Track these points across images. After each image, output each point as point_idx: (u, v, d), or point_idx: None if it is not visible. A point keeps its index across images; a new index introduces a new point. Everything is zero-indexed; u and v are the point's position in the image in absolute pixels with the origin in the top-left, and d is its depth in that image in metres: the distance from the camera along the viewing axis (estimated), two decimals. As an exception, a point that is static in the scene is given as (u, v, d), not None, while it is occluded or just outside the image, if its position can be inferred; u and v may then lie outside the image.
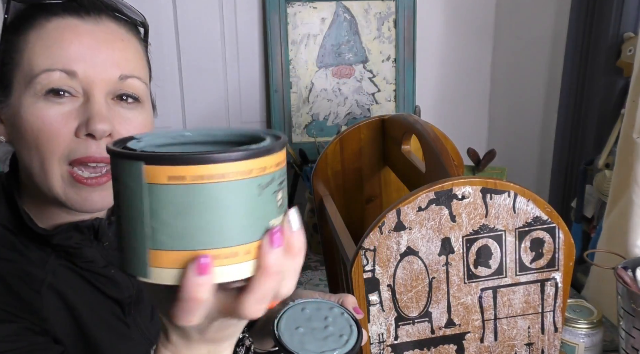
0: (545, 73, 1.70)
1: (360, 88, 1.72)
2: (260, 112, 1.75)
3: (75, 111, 0.60)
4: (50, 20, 0.61)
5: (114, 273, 0.69)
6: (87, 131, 0.60)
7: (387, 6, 1.68)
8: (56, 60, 0.59)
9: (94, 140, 0.60)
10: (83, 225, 0.66)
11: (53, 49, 0.60)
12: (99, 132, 0.60)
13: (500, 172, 1.39)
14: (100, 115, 0.60)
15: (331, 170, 1.05)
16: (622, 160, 1.04)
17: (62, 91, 0.60)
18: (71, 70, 0.60)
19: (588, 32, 1.39)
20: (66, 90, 0.60)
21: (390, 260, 0.71)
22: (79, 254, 0.66)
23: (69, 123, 0.60)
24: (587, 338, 0.91)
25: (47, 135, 0.60)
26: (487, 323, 0.76)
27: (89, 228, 0.67)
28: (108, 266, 0.69)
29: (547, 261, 0.74)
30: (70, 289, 0.66)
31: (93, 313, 0.67)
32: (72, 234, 0.65)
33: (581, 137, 1.46)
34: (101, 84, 0.61)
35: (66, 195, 0.62)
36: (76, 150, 0.60)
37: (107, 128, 0.60)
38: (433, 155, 0.79)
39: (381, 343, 0.74)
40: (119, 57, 0.62)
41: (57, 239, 0.64)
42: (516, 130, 1.85)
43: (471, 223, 0.71)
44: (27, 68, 0.60)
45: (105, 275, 0.69)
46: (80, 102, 0.61)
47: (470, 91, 1.89)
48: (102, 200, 0.63)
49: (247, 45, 1.69)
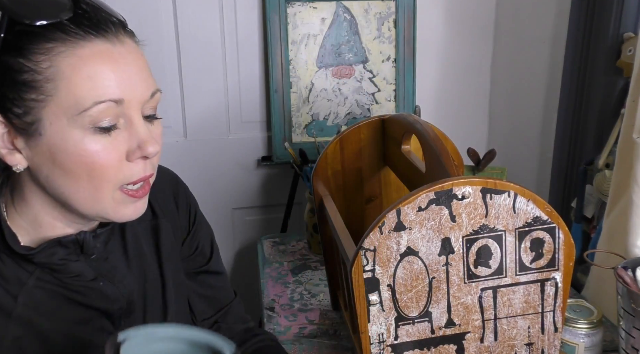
0: (545, 73, 1.71)
1: (360, 88, 1.72)
2: (260, 112, 1.75)
3: (121, 136, 0.61)
4: (83, 46, 0.58)
5: (103, 286, 0.68)
6: (141, 154, 0.62)
7: (387, 6, 1.68)
8: (103, 91, 0.58)
9: (144, 162, 0.63)
10: (66, 240, 0.65)
11: (96, 79, 0.58)
12: (152, 154, 0.62)
13: (500, 172, 1.39)
14: (150, 138, 0.62)
15: (331, 170, 1.05)
16: (622, 160, 1.04)
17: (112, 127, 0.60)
18: (119, 99, 0.59)
19: (588, 32, 1.39)
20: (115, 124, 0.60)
21: (390, 260, 0.71)
22: (64, 270, 0.65)
23: (120, 150, 0.61)
24: (587, 338, 0.91)
25: (101, 168, 0.60)
26: (487, 323, 0.76)
27: (73, 243, 0.66)
28: (97, 279, 0.68)
29: (547, 261, 0.74)
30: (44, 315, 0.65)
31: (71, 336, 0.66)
32: (56, 250, 0.65)
33: (581, 137, 1.46)
34: (138, 106, 0.62)
35: (117, 212, 0.64)
36: (131, 175, 0.62)
37: (158, 148, 0.63)
38: (433, 155, 0.79)
39: (381, 343, 0.74)
40: (146, 75, 0.63)
41: (40, 257, 0.64)
42: (516, 130, 1.85)
43: (471, 223, 0.71)
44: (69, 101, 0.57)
45: (93, 288, 0.68)
46: (122, 125, 0.61)
47: (470, 91, 1.90)
48: (144, 206, 0.66)
49: (247, 45, 1.69)
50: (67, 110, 0.58)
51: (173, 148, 1.70)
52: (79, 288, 0.67)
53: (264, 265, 1.39)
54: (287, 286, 1.27)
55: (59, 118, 0.58)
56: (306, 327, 1.10)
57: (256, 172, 1.81)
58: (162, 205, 0.81)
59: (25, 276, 0.64)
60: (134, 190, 0.64)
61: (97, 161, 0.60)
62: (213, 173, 1.77)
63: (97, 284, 0.68)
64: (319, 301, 1.20)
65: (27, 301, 0.64)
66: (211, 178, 1.76)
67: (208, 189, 1.75)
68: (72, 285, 0.66)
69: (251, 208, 1.84)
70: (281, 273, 1.34)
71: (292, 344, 1.05)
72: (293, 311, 1.16)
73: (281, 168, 1.79)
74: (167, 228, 0.80)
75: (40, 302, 0.65)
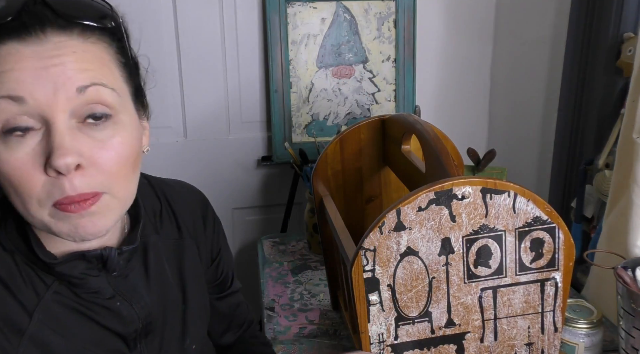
0: (545, 73, 1.71)
1: (360, 88, 1.72)
2: (260, 112, 1.75)
3: (39, 146, 0.54)
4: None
5: (120, 306, 0.66)
6: (52, 168, 0.53)
7: (387, 6, 1.68)
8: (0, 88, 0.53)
9: (65, 176, 0.54)
10: (90, 255, 0.62)
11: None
12: (63, 168, 0.53)
13: (500, 172, 1.39)
14: (61, 147, 0.53)
15: (331, 170, 1.05)
16: (622, 160, 1.04)
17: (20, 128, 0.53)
18: (17, 96, 0.53)
19: (588, 32, 1.39)
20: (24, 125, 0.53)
21: (390, 260, 0.71)
22: (83, 285, 0.63)
23: (36, 161, 0.54)
24: (587, 338, 0.91)
25: (19, 180, 0.54)
26: (487, 323, 0.76)
27: (97, 258, 0.63)
28: (115, 297, 0.66)
29: (547, 261, 0.74)
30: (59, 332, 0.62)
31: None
32: (78, 263, 0.62)
33: (581, 137, 1.46)
34: (58, 107, 0.54)
35: (58, 228, 0.57)
36: (52, 192, 0.55)
37: (71, 161, 0.53)
38: (433, 155, 0.79)
39: (381, 342, 0.74)
40: (71, 70, 0.54)
41: (61, 268, 0.61)
42: (516, 130, 1.85)
43: (471, 223, 0.71)
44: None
45: (109, 307, 0.65)
46: (41, 133, 0.54)
47: (470, 91, 1.90)
48: (93, 225, 0.57)
49: (247, 45, 1.69)
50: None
51: (173, 148, 1.70)
52: (95, 307, 0.64)
53: (264, 265, 1.39)
54: (287, 286, 1.27)
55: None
56: (306, 327, 1.10)
57: (256, 172, 1.81)
58: (189, 225, 0.78)
59: (42, 288, 0.62)
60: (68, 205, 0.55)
61: (11, 172, 0.54)
62: (213, 173, 1.77)
63: (115, 303, 0.66)
64: (319, 301, 1.20)
65: (42, 318, 0.61)
66: (211, 178, 1.76)
67: (208, 189, 1.74)
68: (88, 301, 0.64)
69: (251, 208, 1.84)
70: (281, 273, 1.34)
71: (292, 344, 1.05)
72: (293, 311, 1.16)
73: (281, 168, 1.79)
74: (193, 248, 0.77)
75: (56, 318, 0.62)
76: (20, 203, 0.56)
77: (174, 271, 0.75)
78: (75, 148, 0.54)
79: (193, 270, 0.77)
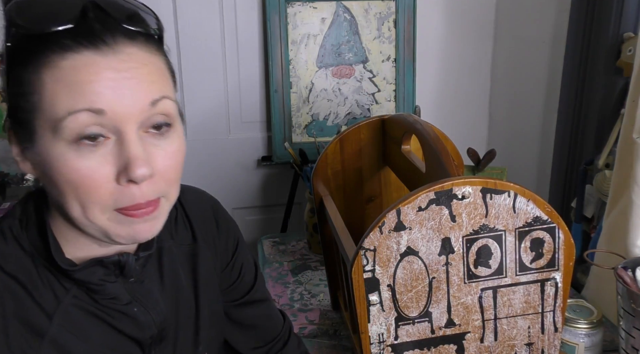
0: (545, 73, 1.71)
1: (360, 88, 1.72)
2: (260, 112, 1.76)
3: (110, 155, 0.56)
4: (65, 57, 0.54)
5: (137, 311, 0.66)
6: (127, 177, 0.55)
7: (387, 6, 1.68)
8: (79, 100, 0.54)
9: (137, 185, 0.56)
10: (108, 261, 0.62)
11: (73, 89, 0.54)
12: (139, 179, 0.55)
13: (500, 172, 1.39)
14: (138, 159, 0.55)
15: (331, 170, 1.05)
16: (622, 160, 1.04)
17: (94, 136, 0.55)
18: (98, 108, 0.54)
19: (588, 32, 1.39)
20: (98, 133, 0.55)
21: (391, 260, 0.71)
22: (101, 291, 0.63)
23: (106, 169, 0.56)
24: (587, 338, 0.91)
25: (86, 188, 0.55)
26: (487, 323, 0.76)
27: (114, 264, 0.63)
28: (132, 303, 0.66)
29: (547, 261, 0.74)
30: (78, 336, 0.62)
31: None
32: (96, 269, 0.62)
33: (581, 137, 1.46)
34: (132, 118, 0.56)
35: (116, 232, 0.59)
36: (121, 199, 0.56)
37: (147, 172, 0.56)
38: (433, 155, 0.79)
39: (381, 343, 0.74)
40: (144, 82, 0.57)
41: (80, 274, 0.62)
42: (516, 130, 1.85)
43: (471, 223, 0.71)
44: (49, 112, 0.55)
45: (126, 313, 0.65)
46: (112, 142, 0.56)
47: (470, 91, 1.90)
48: (151, 229, 0.60)
49: (247, 45, 1.69)
50: (50, 123, 0.55)
51: (173, 148, 1.70)
52: (113, 312, 0.65)
53: (264, 265, 1.39)
54: (287, 286, 1.27)
55: (46, 130, 0.56)
56: (306, 327, 1.10)
57: (256, 172, 1.81)
58: (203, 230, 0.77)
59: (62, 292, 0.62)
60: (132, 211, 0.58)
61: (79, 179, 0.55)
62: (213, 173, 1.77)
63: (131, 309, 0.66)
64: (319, 301, 1.20)
65: (62, 321, 0.61)
66: (211, 178, 1.76)
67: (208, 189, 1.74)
68: (106, 307, 0.64)
69: (251, 208, 1.85)
70: (281, 273, 1.34)
71: (292, 344, 1.05)
72: (293, 311, 1.16)
73: (281, 168, 1.79)
74: (206, 254, 0.77)
75: (75, 322, 0.62)
76: (78, 208, 0.57)
77: (187, 276, 0.75)
78: (147, 158, 0.57)
79: (206, 275, 0.77)
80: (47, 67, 0.55)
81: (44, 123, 0.56)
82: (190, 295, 0.74)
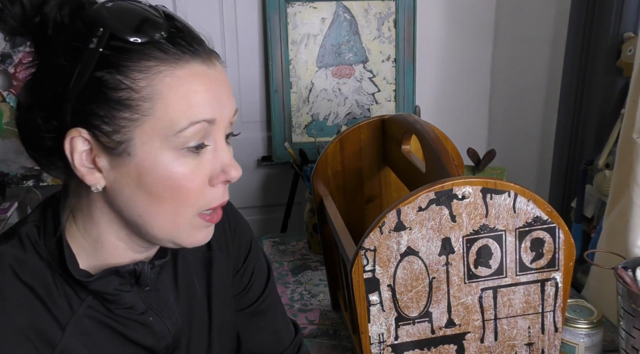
0: (545, 73, 1.71)
1: (360, 88, 1.72)
2: (260, 112, 1.75)
3: (207, 160, 0.59)
4: (182, 67, 0.56)
5: (152, 321, 0.66)
6: (225, 179, 0.60)
7: (387, 6, 1.68)
8: (198, 111, 0.57)
9: (223, 187, 0.62)
10: (124, 270, 0.62)
11: (193, 99, 0.56)
12: (235, 178, 0.61)
13: (500, 172, 1.39)
14: (234, 162, 0.61)
15: (331, 170, 1.05)
16: (622, 160, 1.04)
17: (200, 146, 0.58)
18: (212, 119, 0.58)
19: (588, 32, 1.39)
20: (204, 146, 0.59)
21: (391, 260, 0.71)
22: (117, 300, 0.63)
23: (204, 174, 0.59)
24: (587, 338, 0.91)
25: (186, 192, 0.58)
26: (487, 323, 0.76)
27: (130, 273, 0.63)
28: (147, 312, 0.66)
29: (547, 261, 0.74)
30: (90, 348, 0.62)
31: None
32: (112, 279, 0.62)
33: (581, 137, 1.46)
34: (226, 126, 0.61)
35: (191, 238, 0.62)
36: (211, 200, 0.61)
37: (240, 174, 0.62)
38: (433, 155, 0.79)
39: (381, 343, 0.74)
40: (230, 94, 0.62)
41: (95, 285, 0.61)
42: (516, 130, 1.85)
43: (471, 223, 0.71)
44: (164, 120, 0.56)
45: (142, 322, 0.65)
46: (210, 150, 0.60)
47: (470, 91, 1.90)
48: (212, 233, 0.64)
49: (247, 45, 1.69)
50: (161, 131, 0.56)
51: (173, 148, 1.70)
52: (128, 322, 0.64)
53: (264, 265, 1.39)
54: (287, 286, 1.27)
55: (152, 138, 0.56)
56: (306, 327, 1.10)
57: (256, 172, 1.81)
58: (219, 237, 0.77)
59: (77, 302, 0.62)
60: (210, 215, 0.62)
61: (183, 185, 0.58)
62: (213, 173, 1.77)
63: (147, 318, 0.66)
64: (319, 301, 1.20)
65: (75, 332, 0.61)
66: (211, 178, 1.76)
67: (208, 189, 1.75)
68: (121, 317, 0.64)
69: (251, 208, 1.84)
70: (281, 273, 1.34)
71: (292, 344, 1.05)
72: (293, 311, 1.16)
73: (281, 168, 1.79)
74: (221, 261, 0.77)
75: (88, 333, 0.62)
76: (172, 213, 0.59)
77: (201, 284, 0.74)
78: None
79: (220, 284, 0.76)
80: (160, 74, 0.55)
81: (151, 131, 0.56)
82: (203, 303, 0.74)
